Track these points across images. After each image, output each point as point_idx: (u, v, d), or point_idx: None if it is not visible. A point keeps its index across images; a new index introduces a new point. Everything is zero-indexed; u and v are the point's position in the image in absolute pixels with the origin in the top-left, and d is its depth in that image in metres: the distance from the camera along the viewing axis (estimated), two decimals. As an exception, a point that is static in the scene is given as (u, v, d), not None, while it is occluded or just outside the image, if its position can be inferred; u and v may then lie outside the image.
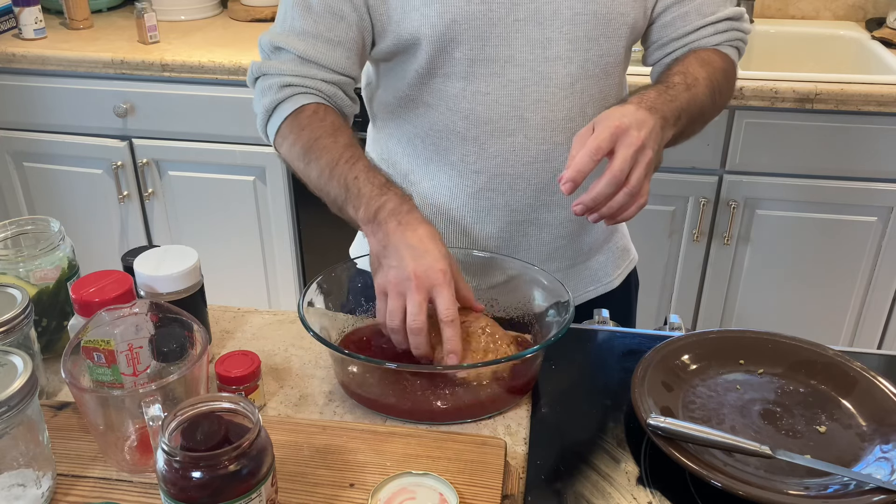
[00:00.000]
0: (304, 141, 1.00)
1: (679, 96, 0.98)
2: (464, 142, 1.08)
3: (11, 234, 0.97)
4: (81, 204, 2.35)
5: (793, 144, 1.96)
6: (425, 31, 1.01)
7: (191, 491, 0.63)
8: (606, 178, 0.86)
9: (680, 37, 1.09)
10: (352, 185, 0.95)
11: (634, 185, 0.87)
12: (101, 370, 0.80)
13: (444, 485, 0.73)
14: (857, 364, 0.92)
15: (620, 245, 1.27)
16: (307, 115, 1.02)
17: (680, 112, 0.97)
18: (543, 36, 1.02)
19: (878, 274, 2.09)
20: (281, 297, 2.40)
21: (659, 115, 0.92)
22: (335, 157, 0.98)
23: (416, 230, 0.89)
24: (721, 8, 1.09)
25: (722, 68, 1.08)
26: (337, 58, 1.04)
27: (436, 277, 0.86)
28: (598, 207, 0.87)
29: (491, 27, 1.01)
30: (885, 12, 2.33)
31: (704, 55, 1.08)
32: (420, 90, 1.07)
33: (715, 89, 1.05)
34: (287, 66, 1.04)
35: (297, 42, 1.03)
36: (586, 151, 0.86)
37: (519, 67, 1.03)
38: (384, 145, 1.18)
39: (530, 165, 1.08)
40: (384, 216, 0.91)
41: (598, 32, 1.04)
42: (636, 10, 1.05)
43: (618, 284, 1.27)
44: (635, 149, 0.87)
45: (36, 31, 2.24)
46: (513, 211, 1.12)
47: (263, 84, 1.06)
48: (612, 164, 0.87)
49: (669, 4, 1.08)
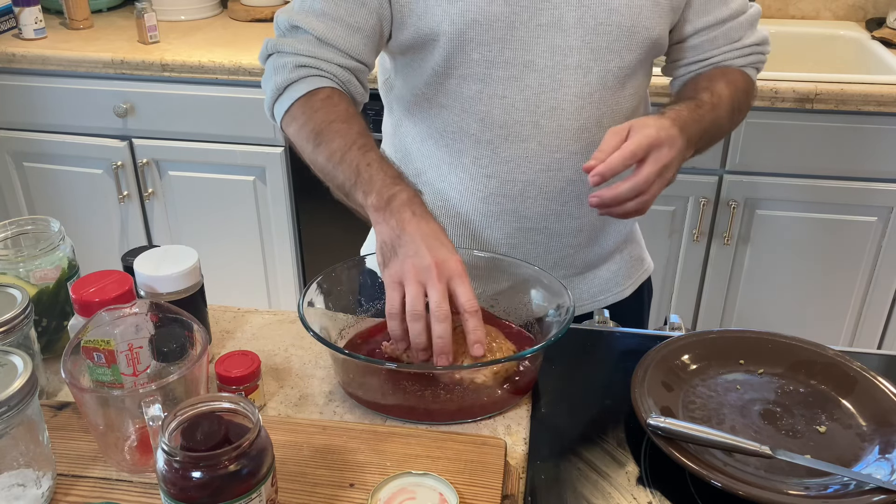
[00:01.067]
0: (316, 123, 0.99)
1: (704, 117, 1.01)
2: (477, 145, 1.07)
3: (11, 234, 0.97)
4: (81, 204, 2.35)
5: (793, 144, 1.96)
6: (445, 28, 1.00)
7: (191, 491, 0.63)
8: (630, 185, 0.91)
9: (707, 59, 1.13)
10: (363, 171, 0.93)
11: (649, 198, 0.93)
12: (101, 370, 0.80)
13: (444, 485, 0.73)
14: (857, 364, 0.92)
15: (635, 255, 1.26)
16: (321, 98, 1.01)
17: (702, 134, 1.02)
18: (565, 43, 1.01)
19: (878, 274, 2.09)
20: (281, 297, 2.40)
21: (686, 137, 0.96)
22: (348, 142, 0.96)
23: (430, 223, 0.88)
24: (749, 33, 1.13)
25: (744, 89, 1.12)
26: (355, 43, 1.02)
27: (455, 268, 0.84)
28: (611, 205, 0.92)
29: (512, 30, 1.00)
30: (885, 12, 2.33)
31: (731, 75, 1.11)
32: (436, 90, 1.06)
33: (735, 109, 1.09)
34: (304, 46, 1.02)
35: (316, 23, 1.01)
36: (622, 155, 0.90)
37: (537, 73, 1.02)
38: (400, 141, 1.17)
39: (543, 173, 1.08)
40: (398, 205, 0.89)
41: (621, 45, 1.03)
42: (661, 25, 1.05)
43: (630, 293, 1.25)
44: (662, 165, 0.92)
45: (36, 31, 2.24)
46: (522, 218, 1.11)
47: (277, 62, 1.03)
48: (640, 174, 0.91)
49: (700, 28, 1.10)
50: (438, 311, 0.83)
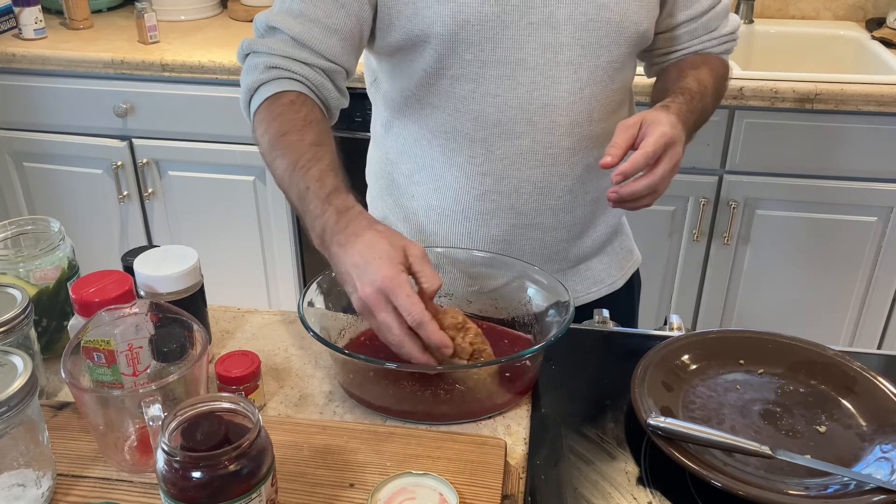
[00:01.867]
0: (273, 133, 0.97)
1: (695, 108, 1.06)
2: (471, 143, 1.08)
3: (11, 234, 0.97)
4: (81, 204, 2.35)
5: (793, 144, 1.95)
6: (437, 30, 1.00)
7: (191, 491, 0.63)
8: (647, 182, 0.95)
9: (686, 49, 1.17)
10: (304, 197, 0.90)
11: (661, 192, 0.98)
12: (101, 370, 0.80)
13: (444, 485, 0.73)
14: (857, 364, 0.92)
15: (625, 247, 1.27)
16: (283, 103, 0.99)
17: (695, 125, 1.07)
18: (556, 40, 1.02)
19: (878, 274, 2.09)
20: (281, 297, 2.40)
21: (686, 131, 1.01)
22: (295, 158, 0.93)
23: (355, 246, 0.84)
24: (724, 22, 1.17)
25: (724, 76, 1.18)
26: (332, 45, 1.01)
27: (384, 286, 0.81)
28: (627, 200, 0.97)
29: (504, 29, 1.01)
30: (885, 12, 2.33)
31: (711, 62, 1.16)
32: (427, 90, 1.06)
33: (717, 97, 1.14)
34: (278, 47, 1.01)
35: (292, 23, 1.00)
36: (644, 155, 0.94)
37: (529, 71, 1.03)
38: (390, 145, 1.17)
39: (536, 169, 1.08)
40: (328, 239, 0.87)
41: (610, 40, 1.04)
42: (648, 19, 1.07)
43: (621, 286, 1.27)
44: (674, 163, 0.97)
45: (36, 31, 2.24)
46: (517, 214, 1.12)
47: (251, 62, 1.03)
48: (656, 172, 0.95)
49: (683, 20, 1.14)
50: (411, 318, 0.80)
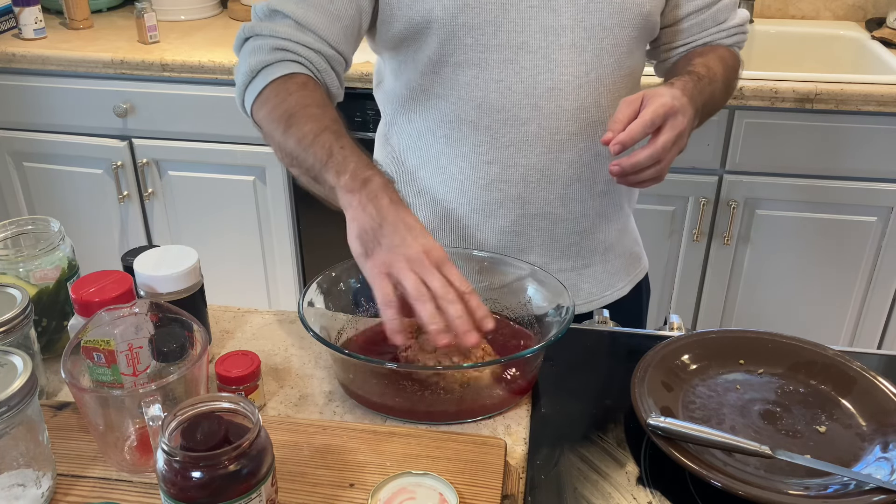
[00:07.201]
0: (290, 106, 0.96)
1: (705, 90, 1.04)
2: (476, 131, 1.07)
3: (11, 234, 0.97)
4: (81, 204, 2.35)
5: (793, 144, 1.96)
6: (437, 14, 1.00)
7: (191, 491, 0.63)
8: (649, 152, 0.93)
9: (695, 41, 1.16)
10: (337, 153, 0.89)
11: (665, 165, 0.94)
12: (101, 370, 0.80)
13: (444, 485, 0.73)
14: (857, 364, 0.92)
15: (634, 252, 1.27)
16: (297, 83, 0.98)
17: (704, 105, 1.03)
18: (557, 23, 1.02)
19: (878, 274, 2.09)
20: (281, 297, 2.40)
21: (694, 106, 0.98)
22: (322, 125, 0.93)
23: (408, 212, 0.85)
24: (732, 15, 1.16)
25: (734, 66, 1.15)
26: (335, 31, 1.01)
27: (441, 255, 0.83)
28: (630, 172, 0.94)
29: (504, 12, 1.01)
30: (885, 12, 2.33)
31: (720, 52, 1.14)
32: (431, 80, 1.07)
33: (728, 86, 1.13)
34: (283, 29, 1.00)
35: (295, 7, 1.00)
36: (642, 123, 0.91)
37: (532, 54, 1.03)
38: (394, 143, 1.17)
39: (543, 156, 1.08)
40: (375, 188, 0.85)
41: (613, 21, 1.04)
42: (651, 1, 1.06)
43: (629, 291, 1.26)
44: (678, 132, 0.94)
45: (36, 31, 2.24)
46: (525, 203, 1.11)
47: (254, 44, 1.01)
48: (657, 142, 0.93)
49: (691, 11, 1.13)
50: (448, 294, 0.80)
